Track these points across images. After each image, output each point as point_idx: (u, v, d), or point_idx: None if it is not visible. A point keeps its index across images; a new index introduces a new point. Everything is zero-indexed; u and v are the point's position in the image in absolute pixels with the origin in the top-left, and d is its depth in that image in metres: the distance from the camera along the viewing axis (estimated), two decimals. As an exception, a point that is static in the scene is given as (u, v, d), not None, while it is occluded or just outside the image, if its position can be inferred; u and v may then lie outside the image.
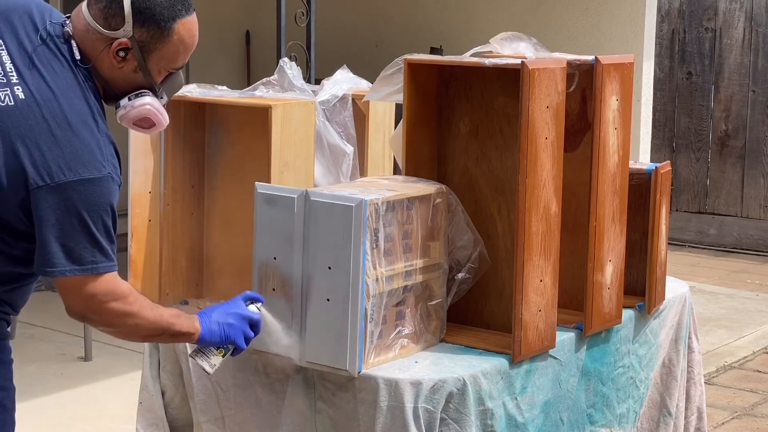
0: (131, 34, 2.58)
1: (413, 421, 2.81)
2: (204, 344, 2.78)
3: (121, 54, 2.59)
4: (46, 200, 2.47)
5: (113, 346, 6.03)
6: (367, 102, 3.56)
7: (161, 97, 2.71)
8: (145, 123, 2.70)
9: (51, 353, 5.96)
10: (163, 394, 3.27)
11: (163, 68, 2.67)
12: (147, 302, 2.65)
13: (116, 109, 2.68)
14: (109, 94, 2.67)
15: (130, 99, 2.66)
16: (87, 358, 5.85)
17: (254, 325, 2.84)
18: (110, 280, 2.55)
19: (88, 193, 2.48)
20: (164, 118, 2.71)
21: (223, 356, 2.81)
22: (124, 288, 2.59)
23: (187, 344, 3.03)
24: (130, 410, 3.45)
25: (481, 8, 7.90)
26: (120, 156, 2.59)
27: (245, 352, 3.04)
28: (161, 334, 2.70)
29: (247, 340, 2.83)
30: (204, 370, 2.82)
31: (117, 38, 2.58)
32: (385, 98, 3.30)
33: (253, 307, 2.85)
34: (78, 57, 2.58)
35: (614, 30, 7.34)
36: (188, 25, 2.66)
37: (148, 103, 2.66)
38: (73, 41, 2.60)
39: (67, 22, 2.62)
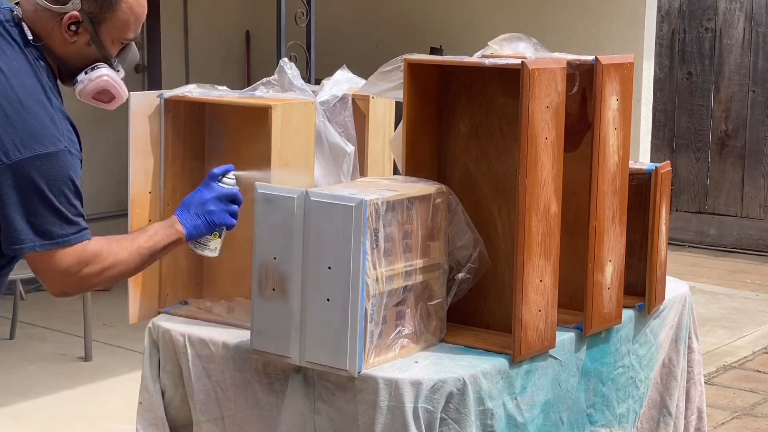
0: (80, 7, 2.62)
1: (413, 421, 2.81)
2: (195, 239, 2.81)
3: (73, 28, 2.63)
4: (5, 179, 2.49)
5: (113, 346, 6.04)
6: (367, 102, 3.56)
7: (118, 70, 2.74)
8: (104, 96, 2.73)
9: (51, 353, 5.96)
10: (163, 394, 3.27)
11: (116, 39, 2.70)
12: (120, 244, 2.66)
13: (74, 85, 2.71)
14: (65, 72, 2.70)
15: (86, 73, 2.69)
16: (87, 358, 5.85)
17: (233, 198, 2.86)
18: (79, 249, 2.57)
19: (45, 168, 2.50)
20: (123, 90, 2.75)
21: (220, 237, 2.86)
22: (93, 249, 2.60)
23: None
24: (130, 410, 3.45)
25: (482, 8, 7.90)
26: (78, 132, 2.62)
27: (245, 351, 3.05)
28: (149, 259, 2.72)
29: (233, 214, 2.86)
30: (209, 257, 2.88)
31: (66, 12, 2.61)
32: (382, 93, 3.30)
33: (226, 181, 2.87)
34: (30, 37, 2.62)
35: (614, 30, 7.35)
36: None
37: (105, 74, 2.70)
38: (24, 23, 2.63)
39: (16, 6, 2.66)
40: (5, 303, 6.38)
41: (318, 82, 3.69)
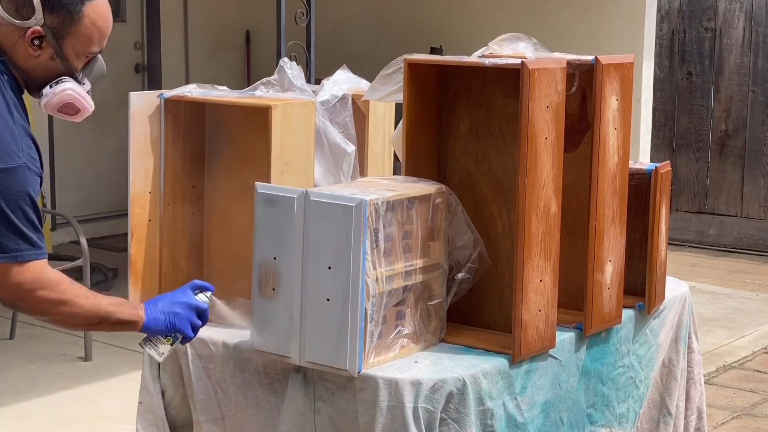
0: (43, 22, 2.64)
1: (413, 421, 2.81)
2: (150, 332, 2.80)
3: (36, 42, 2.65)
4: None
5: (113, 346, 6.04)
6: (367, 102, 3.56)
7: (83, 83, 2.75)
8: (69, 109, 2.74)
9: (51, 353, 5.96)
10: (163, 394, 3.27)
11: (80, 53, 2.71)
12: (83, 291, 2.66)
13: (39, 98, 2.72)
14: (31, 85, 2.72)
15: (51, 87, 2.70)
16: (87, 358, 5.85)
17: (201, 313, 2.85)
18: (37, 269, 2.57)
19: (3, 183, 2.51)
20: (89, 104, 2.76)
21: (171, 344, 2.83)
22: (53, 276, 2.60)
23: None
24: (130, 410, 3.45)
25: (481, 8, 7.90)
26: (40, 150, 2.63)
27: (245, 351, 3.05)
28: (101, 323, 2.71)
29: (195, 328, 2.84)
30: (153, 358, 2.85)
31: (30, 27, 2.63)
32: (385, 98, 3.30)
33: (202, 296, 2.86)
34: None
35: (614, 30, 7.35)
36: (98, 8, 2.70)
37: (69, 88, 2.71)
38: None
39: None
40: (5, 303, 6.37)
41: (318, 82, 3.70)
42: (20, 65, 2.67)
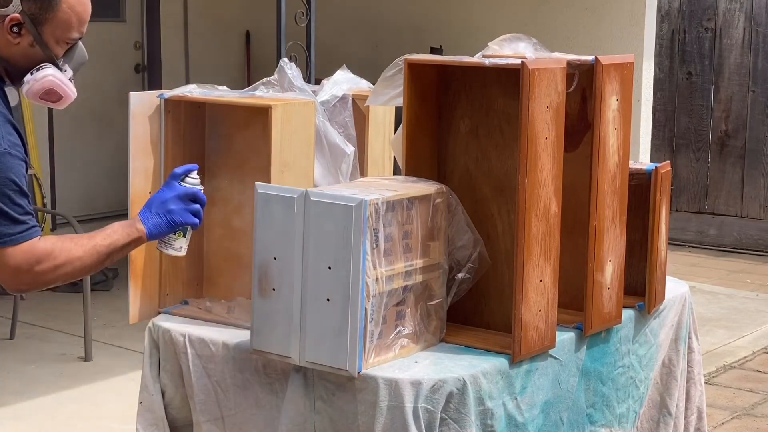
0: (21, 9, 2.64)
1: (413, 421, 2.81)
2: (158, 238, 2.81)
3: (15, 30, 2.65)
4: None
5: (113, 346, 6.04)
6: (368, 102, 3.56)
7: (64, 70, 2.75)
8: (51, 96, 2.75)
9: (51, 353, 5.96)
10: (163, 394, 3.27)
11: (60, 39, 2.71)
12: (75, 242, 2.67)
13: (21, 86, 2.73)
14: (13, 74, 2.72)
15: (32, 74, 2.71)
16: (87, 358, 5.85)
17: (194, 197, 2.85)
18: (29, 247, 2.59)
19: None
20: (71, 90, 2.76)
21: (184, 236, 2.86)
22: (45, 247, 2.61)
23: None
24: (130, 410, 3.45)
25: (481, 8, 7.91)
26: (22, 135, 2.63)
27: (245, 351, 3.05)
28: (108, 257, 2.72)
29: (195, 213, 2.85)
30: (174, 256, 2.88)
31: (8, 15, 2.64)
32: (388, 102, 3.30)
33: (189, 180, 2.86)
34: None
35: (614, 30, 7.35)
36: None
37: (50, 74, 2.71)
38: None
39: None
40: (5, 303, 6.38)
41: (318, 82, 3.70)
42: (0, 53, 2.67)
